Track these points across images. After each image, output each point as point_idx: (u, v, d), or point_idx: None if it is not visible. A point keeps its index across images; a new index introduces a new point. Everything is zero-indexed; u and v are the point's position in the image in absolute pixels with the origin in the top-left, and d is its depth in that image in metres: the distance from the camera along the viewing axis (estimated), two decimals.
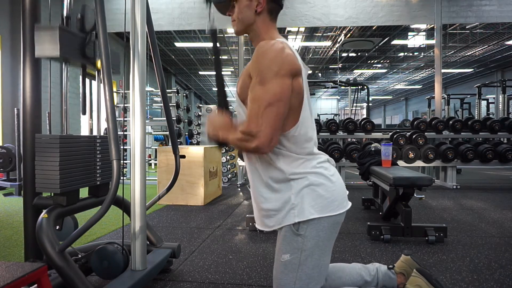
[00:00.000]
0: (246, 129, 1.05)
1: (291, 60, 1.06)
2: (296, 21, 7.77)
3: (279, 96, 1.03)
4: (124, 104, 5.88)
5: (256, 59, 1.06)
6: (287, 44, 1.11)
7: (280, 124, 1.06)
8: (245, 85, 1.12)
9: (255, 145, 1.04)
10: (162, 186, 4.32)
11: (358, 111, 20.88)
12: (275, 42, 1.07)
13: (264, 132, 1.03)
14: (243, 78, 1.14)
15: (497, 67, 15.27)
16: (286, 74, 1.04)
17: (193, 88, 20.72)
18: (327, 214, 1.12)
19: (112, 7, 7.65)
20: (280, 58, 1.04)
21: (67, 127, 1.92)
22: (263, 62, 1.04)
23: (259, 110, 1.03)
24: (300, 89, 1.09)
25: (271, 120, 1.03)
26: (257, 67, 1.05)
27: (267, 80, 1.03)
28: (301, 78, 1.10)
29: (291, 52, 1.08)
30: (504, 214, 3.72)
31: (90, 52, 1.89)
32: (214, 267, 2.24)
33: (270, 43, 1.07)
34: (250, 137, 1.04)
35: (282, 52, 1.05)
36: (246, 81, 1.11)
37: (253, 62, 1.08)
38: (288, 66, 1.05)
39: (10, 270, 1.11)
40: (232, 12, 1.21)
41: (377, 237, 2.79)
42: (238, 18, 1.18)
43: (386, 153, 3.45)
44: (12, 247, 2.62)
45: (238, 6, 1.18)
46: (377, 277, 1.41)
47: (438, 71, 6.97)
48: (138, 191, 1.78)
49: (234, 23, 1.21)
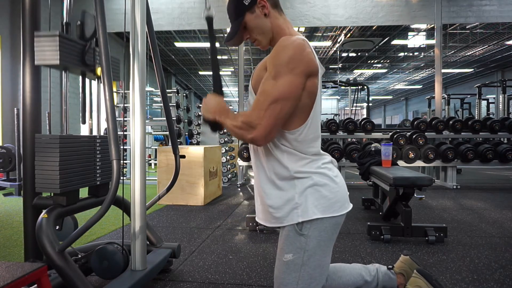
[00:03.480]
0: (247, 119, 1.05)
1: (309, 59, 1.05)
2: (296, 21, 7.76)
3: (287, 95, 1.03)
4: (124, 104, 5.88)
5: (276, 53, 1.06)
6: (307, 42, 1.10)
7: (281, 122, 1.06)
8: (260, 78, 1.11)
9: (252, 136, 1.05)
10: (162, 186, 4.32)
11: (358, 111, 20.91)
12: (296, 39, 1.06)
13: (263, 126, 1.03)
14: (259, 71, 1.14)
15: (497, 67, 15.27)
16: (301, 73, 1.04)
17: (193, 88, 20.72)
18: (330, 215, 1.12)
19: (112, 7, 7.65)
20: (299, 56, 1.04)
21: (67, 127, 1.92)
22: (281, 57, 1.04)
23: (264, 104, 1.03)
24: (314, 89, 1.09)
25: (273, 116, 1.03)
26: (274, 61, 1.05)
27: (281, 75, 1.03)
28: (317, 79, 1.10)
29: (310, 51, 1.07)
30: (504, 214, 3.72)
31: (90, 59, 1.89)
32: (214, 267, 2.24)
33: (291, 39, 1.06)
34: (249, 127, 1.05)
35: (302, 50, 1.04)
36: (262, 74, 1.11)
37: (271, 55, 1.08)
38: (304, 65, 1.04)
39: (10, 270, 1.11)
40: (248, 34, 1.19)
41: (377, 237, 2.79)
42: (259, 34, 1.17)
43: (386, 153, 3.45)
44: (12, 247, 2.62)
45: (249, 24, 1.16)
46: (377, 277, 1.41)
47: (438, 71, 6.96)
48: (138, 191, 1.78)
49: (258, 42, 1.19)
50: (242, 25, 1.17)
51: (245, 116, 1.06)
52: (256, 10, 1.15)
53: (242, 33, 1.20)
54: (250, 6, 1.15)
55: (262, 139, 1.06)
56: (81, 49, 1.83)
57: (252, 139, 1.06)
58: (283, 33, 1.15)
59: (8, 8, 6.61)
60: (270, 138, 1.07)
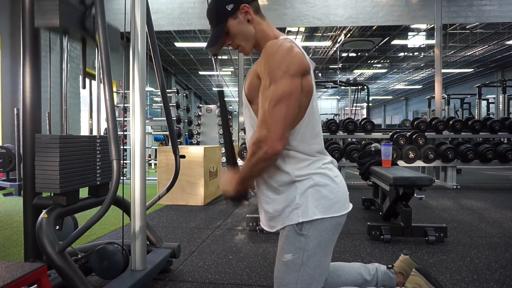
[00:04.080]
0: (256, 136, 1.04)
1: (299, 59, 1.05)
2: (296, 21, 7.77)
3: (288, 94, 1.02)
4: (124, 104, 5.88)
5: (265, 60, 1.05)
6: (293, 42, 1.10)
7: (290, 122, 1.05)
8: (253, 85, 1.11)
9: (266, 147, 1.02)
10: (162, 186, 4.32)
11: (358, 111, 20.90)
12: (283, 42, 1.06)
13: (273, 128, 1.02)
14: (251, 79, 1.13)
15: (497, 67, 15.26)
16: (296, 74, 1.04)
17: (193, 88, 20.72)
18: (330, 215, 1.13)
19: (112, 7, 7.65)
20: (289, 58, 1.04)
21: (67, 127, 1.92)
22: (272, 63, 1.04)
23: (268, 111, 1.02)
24: (309, 88, 1.09)
25: (280, 118, 1.02)
26: (266, 68, 1.05)
27: (276, 80, 1.02)
28: (310, 76, 1.10)
29: (299, 50, 1.08)
30: (504, 214, 3.72)
31: (90, 24, 1.87)
32: (214, 267, 2.24)
33: (278, 43, 1.06)
34: (260, 143, 1.03)
35: (290, 51, 1.05)
36: (254, 81, 1.10)
37: (261, 63, 1.07)
38: (297, 65, 1.04)
39: (10, 270, 1.11)
40: (231, 40, 1.19)
41: (377, 237, 2.79)
42: (242, 40, 1.17)
43: (386, 153, 3.45)
44: (12, 247, 2.62)
45: (232, 30, 1.15)
46: (376, 276, 1.41)
47: (438, 71, 6.97)
48: (138, 191, 1.78)
49: (242, 48, 1.19)
50: (225, 31, 1.16)
51: (253, 139, 1.06)
52: (239, 16, 1.14)
53: (224, 39, 1.18)
54: (232, 12, 1.14)
55: (277, 144, 1.02)
56: (81, 14, 1.82)
57: (267, 151, 1.03)
58: (268, 37, 1.15)
59: (8, 8, 6.61)
60: (285, 140, 1.05)
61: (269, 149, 1.03)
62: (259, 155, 1.04)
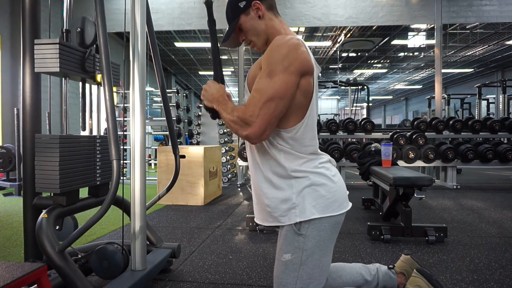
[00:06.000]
0: (242, 115, 1.06)
1: (304, 58, 1.06)
2: (296, 21, 7.76)
3: (282, 94, 1.03)
4: (124, 104, 5.88)
5: (270, 52, 1.07)
6: (302, 41, 1.11)
7: (275, 121, 1.06)
8: (255, 76, 1.12)
9: (247, 133, 1.06)
10: (162, 186, 4.32)
11: (358, 111, 20.88)
12: (291, 38, 1.07)
13: (258, 124, 1.04)
14: (254, 70, 1.15)
15: (497, 67, 15.27)
16: (295, 72, 1.04)
17: (193, 88, 20.72)
18: (328, 214, 1.13)
19: (112, 7, 7.64)
20: (294, 54, 1.04)
21: (67, 127, 1.92)
22: (275, 55, 1.05)
23: (259, 102, 1.04)
24: (309, 88, 1.09)
25: (267, 114, 1.03)
26: (269, 59, 1.06)
27: (275, 73, 1.03)
28: (312, 78, 1.10)
29: (305, 50, 1.08)
30: (504, 214, 3.72)
31: (90, 66, 1.89)
32: (214, 267, 2.24)
33: (286, 38, 1.07)
34: (244, 124, 1.06)
35: (296, 48, 1.05)
36: (257, 73, 1.12)
37: (266, 53, 1.09)
38: (299, 64, 1.05)
39: (10, 270, 1.11)
40: (244, 36, 1.22)
41: (377, 237, 2.78)
42: (253, 35, 1.20)
43: (386, 153, 3.45)
44: (12, 247, 2.62)
45: (244, 26, 1.19)
46: (377, 276, 1.41)
47: (438, 71, 6.96)
48: (138, 191, 1.78)
49: (253, 43, 1.22)
50: (237, 27, 1.20)
51: (241, 112, 1.07)
52: (251, 12, 1.18)
53: (238, 34, 1.23)
54: (245, 9, 1.18)
55: (256, 137, 1.06)
56: (81, 56, 1.83)
57: (247, 136, 1.07)
58: (278, 33, 1.16)
59: (8, 8, 6.61)
60: (265, 136, 1.07)
61: (247, 137, 1.07)
62: (238, 129, 1.07)
